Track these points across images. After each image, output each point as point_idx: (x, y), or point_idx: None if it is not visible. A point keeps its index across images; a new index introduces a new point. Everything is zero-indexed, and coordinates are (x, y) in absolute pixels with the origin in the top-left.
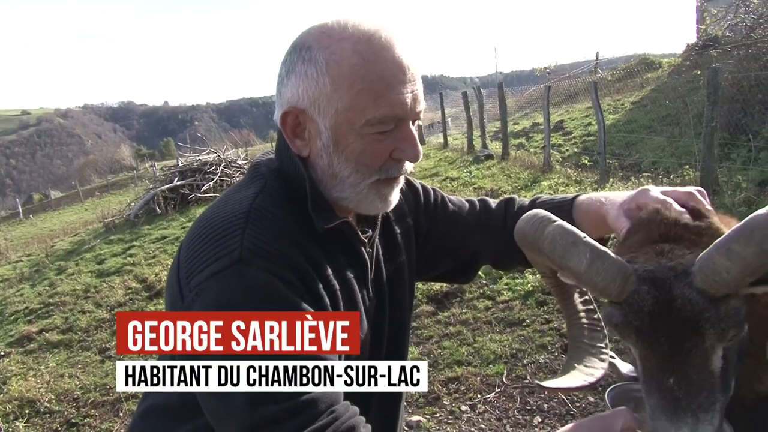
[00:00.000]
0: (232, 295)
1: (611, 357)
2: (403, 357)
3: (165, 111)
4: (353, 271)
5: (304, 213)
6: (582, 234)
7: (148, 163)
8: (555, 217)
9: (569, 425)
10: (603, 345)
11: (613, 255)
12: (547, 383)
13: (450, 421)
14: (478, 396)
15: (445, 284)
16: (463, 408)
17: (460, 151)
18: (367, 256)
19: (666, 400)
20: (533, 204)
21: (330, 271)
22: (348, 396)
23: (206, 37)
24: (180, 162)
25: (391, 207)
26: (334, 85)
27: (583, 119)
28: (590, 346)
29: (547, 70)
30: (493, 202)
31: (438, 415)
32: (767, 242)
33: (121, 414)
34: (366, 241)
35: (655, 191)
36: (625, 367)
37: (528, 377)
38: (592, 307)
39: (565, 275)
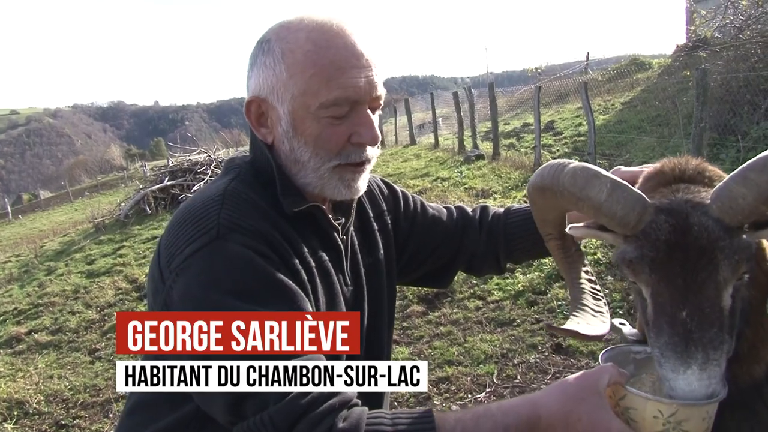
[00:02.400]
0: (212, 271)
1: (621, 323)
2: (383, 351)
3: (155, 111)
4: (328, 255)
5: (276, 197)
6: (601, 169)
7: (139, 163)
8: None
9: (557, 382)
10: (603, 310)
11: (632, 186)
12: (558, 326)
13: None
14: (469, 396)
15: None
16: (454, 408)
17: (450, 151)
18: (340, 242)
19: (678, 335)
20: (508, 211)
21: (305, 249)
22: None
23: (197, 36)
24: (170, 162)
25: (358, 194)
26: (289, 72)
27: (573, 119)
28: (592, 309)
29: (538, 71)
30: (468, 209)
31: None
32: None
33: (110, 415)
34: (339, 227)
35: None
36: (629, 331)
37: (518, 377)
38: (593, 278)
39: (584, 208)
